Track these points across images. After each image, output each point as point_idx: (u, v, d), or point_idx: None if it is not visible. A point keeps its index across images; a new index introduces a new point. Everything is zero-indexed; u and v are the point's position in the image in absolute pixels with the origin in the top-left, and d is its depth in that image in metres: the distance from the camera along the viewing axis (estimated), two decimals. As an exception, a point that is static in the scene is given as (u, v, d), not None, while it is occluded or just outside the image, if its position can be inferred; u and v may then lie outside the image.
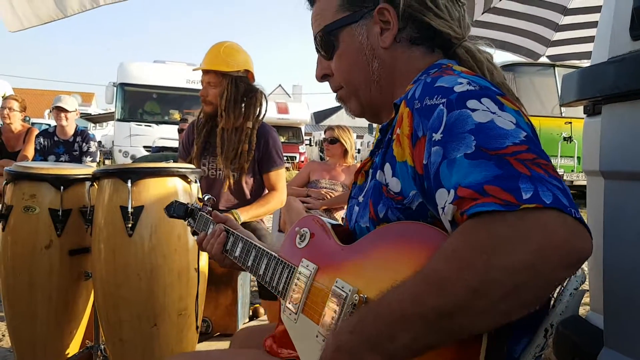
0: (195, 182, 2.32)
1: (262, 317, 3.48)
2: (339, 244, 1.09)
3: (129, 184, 2.12)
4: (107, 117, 22.50)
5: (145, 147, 13.85)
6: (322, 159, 17.15)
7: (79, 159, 4.97)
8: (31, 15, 3.12)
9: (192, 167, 2.38)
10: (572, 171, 10.01)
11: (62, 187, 2.32)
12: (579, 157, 9.82)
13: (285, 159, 3.13)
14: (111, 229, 2.16)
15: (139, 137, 14.40)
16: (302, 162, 19.99)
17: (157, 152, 8.68)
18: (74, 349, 2.48)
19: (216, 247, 1.45)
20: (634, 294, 1.33)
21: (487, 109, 0.85)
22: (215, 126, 3.00)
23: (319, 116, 51.54)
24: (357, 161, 4.96)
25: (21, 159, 4.98)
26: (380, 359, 0.80)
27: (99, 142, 5.44)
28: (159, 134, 13.86)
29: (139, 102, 15.29)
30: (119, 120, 14.99)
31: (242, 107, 2.92)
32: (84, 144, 5.03)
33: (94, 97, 41.74)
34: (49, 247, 2.30)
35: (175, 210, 1.69)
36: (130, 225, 2.11)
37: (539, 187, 0.75)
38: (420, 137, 0.91)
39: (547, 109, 10.39)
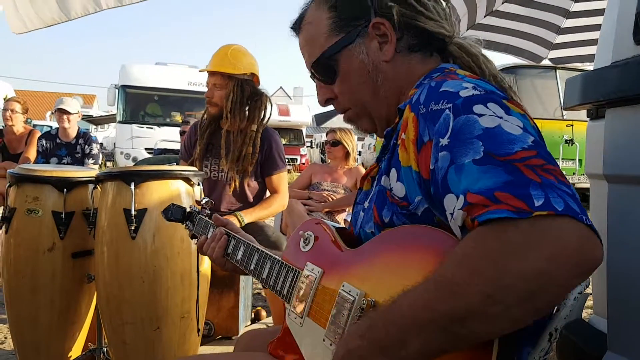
0: (198, 184, 2.32)
1: (264, 320, 3.48)
2: (345, 247, 1.09)
3: (132, 187, 2.12)
4: (109, 119, 22.51)
5: (147, 149, 13.86)
6: (323, 161, 17.16)
7: (81, 161, 4.98)
8: (35, 18, 3.14)
9: (195, 169, 2.38)
10: (574, 174, 9.99)
11: (65, 190, 2.32)
12: (580, 160, 9.81)
13: (286, 161, 3.13)
14: (114, 232, 2.16)
15: (140, 139, 14.40)
16: (304, 164, 19.98)
17: (159, 154, 8.70)
18: (76, 351, 2.48)
19: (217, 251, 1.44)
20: (637, 297, 1.33)
21: (494, 113, 0.85)
22: (218, 128, 3.01)
23: (320, 118, 51.56)
24: (359, 163, 4.95)
25: (23, 160, 4.99)
26: None
27: (101, 144, 5.44)
28: (160, 136, 13.86)
29: (140, 104, 15.30)
30: (120, 122, 15.00)
31: (247, 110, 2.93)
32: (86, 146, 5.04)
33: (96, 99, 41.81)
34: (52, 250, 2.30)
35: (172, 213, 1.68)
36: (133, 227, 2.12)
37: (549, 194, 0.75)
38: (426, 142, 0.91)
39: (549, 111, 10.38)
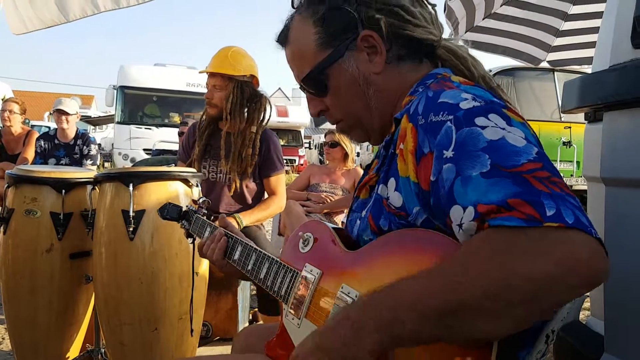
0: (196, 185, 2.32)
1: (262, 321, 3.48)
2: (344, 249, 1.09)
3: (131, 188, 2.12)
4: (107, 119, 22.49)
5: (145, 150, 13.84)
6: (321, 162, 17.16)
7: (79, 162, 4.97)
8: (35, 19, 3.15)
9: (194, 170, 2.39)
10: (572, 175, 10.00)
11: (63, 191, 2.32)
12: (578, 162, 9.82)
13: (284, 162, 3.13)
14: (112, 233, 2.17)
15: (139, 140, 14.38)
16: (302, 165, 19.97)
17: (158, 155, 8.68)
18: (74, 352, 2.48)
19: (217, 253, 1.43)
20: (634, 299, 1.33)
21: (496, 125, 0.85)
22: (217, 129, 3.01)
23: (319, 119, 51.67)
24: (357, 165, 4.95)
25: (21, 161, 4.98)
26: (381, 340, 0.80)
27: (99, 145, 5.44)
28: (159, 137, 13.83)
29: (139, 105, 15.28)
30: (119, 123, 14.98)
31: (246, 111, 2.93)
32: (85, 147, 5.04)
33: (94, 99, 41.77)
34: (50, 251, 2.30)
35: (168, 212, 1.68)
36: (131, 229, 2.12)
37: (560, 206, 0.75)
38: (426, 154, 0.90)
39: (547, 113, 10.40)
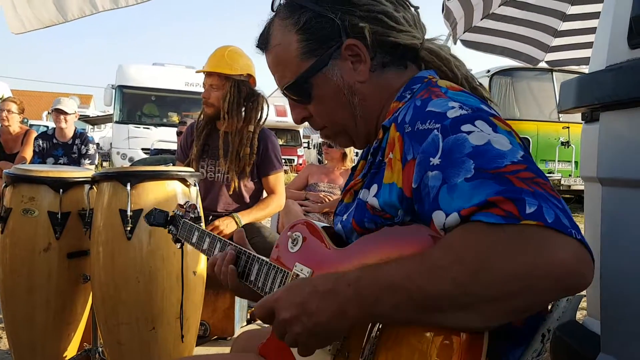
0: (194, 185, 2.32)
1: (260, 322, 3.48)
2: (333, 247, 1.09)
3: (128, 187, 2.12)
4: (106, 119, 22.48)
5: (143, 149, 13.83)
6: (320, 162, 17.16)
7: (77, 162, 4.97)
8: (33, 18, 3.15)
9: (192, 170, 2.39)
10: (570, 176, 10.03)
11: (61, 190, 2.32)
12: (576, 162, 9.84)
13: (283, 161, 3.14)
14: (110, 232, 2.17)
15: (137, 140, 14.38)
16: (301, 164, 19.97)
17: (156, 154, 8.68)
18: (72, 351, 2.48)
19: (230, 275, 1.26)
20: (630, 299, 1.34)
21: (482, 130, 0.85)
22: (214, 129, 3.01)
23: (317, 119, 51.51)
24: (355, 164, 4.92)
25: (19, 160, 4.98)
26: (362, 316, 0.85)
27: (97, 145, 5.44)
28: (157, 136, 13.83)
29: (137, 104, 15.28)
30: (117, 122, 14.98)
31: (244, 110, 2.93)
32: (83, 147, 5.03)
33: (92, 99, 41.73)
34: (47, 250, 2.30)
35: (155, 218, 1.66)
36: (129, 228, 2.12)
37: (542, 204, 0.75)
38: (409, 160, 0.91)
39: (545, 113, 10.43)
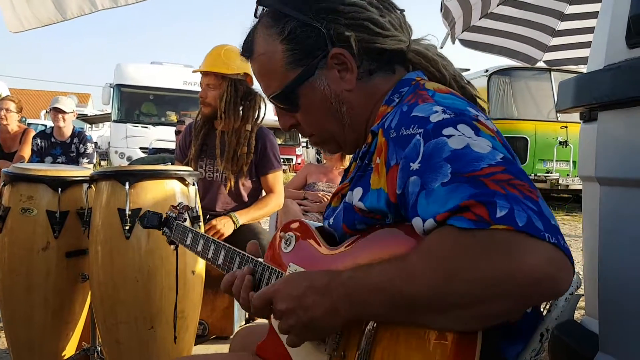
0: (193, 184, 2.32)
1: (259, 320, 3.48)
2: (326, 247, 1.09)
3: (127, 187, 2.12)
4: (104, 118, 22.46)
5: (141, 148, 13.82)
6: (318, 162, 17.16)
7: (75, 161, 4.96)
8: (31, 17, 3.15)
9: (190, 169, 2.39)
10: (568, 175, 10.05)
11: (59, 189, 2.32)
12: (574, 162, 9.85)
13: (282, 161, 3.13)
14: (108, 231, 2.16)
15: (135, 139, 14.38)
16: (299, 164, 19.94)
17: (154, 153, 8.68)
18: (70, 350, 2.48)
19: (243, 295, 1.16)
20: (628, 298, 1.34)
21: (463, 134, 0.85)
22: (212, 128, 3.01)
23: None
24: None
25: (17, 159, 4.97)
26: (353, 315, 0.88)
27: (95, 144, 5.44)
28: (155, 135, 13.83)
29: (135, 103, 15.27)
30: (115, 121, 14.97)
31: (241, 110, 2.93)
32: (81, 146, 5.03)
33: (90, 97, 41.65)
34: (46, 249, 2.30)
35: (149, 220, 1.65)
36: (127, 227, 2.11)
37: (514, 206, 0.75)
38: (392, 166, 0.92)
39: (543, 113, 10.44)
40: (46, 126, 6.09)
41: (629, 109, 1.33)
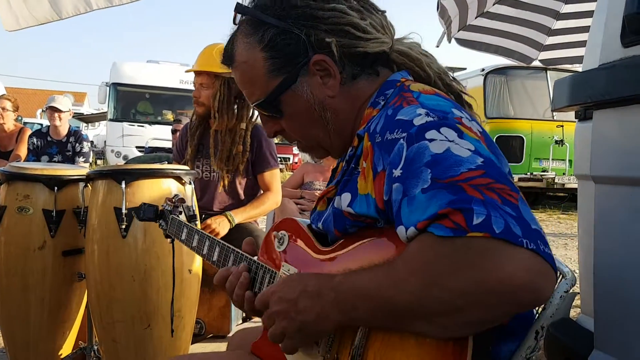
0: (189, 183, 2.32)
1: (256, 319, 3.48)
2: (319, 246, 1.09)
3: (123, 185, 2.11)
4: (100, 117, 22.41)
5: (138, 147, 13.81)
6: (315, 161, 17.14)
7: (72, 160, 4.96)
8: (28, 15, 3.15)
9: (187, 168, 2.38)
10: (564, 174, 10.08)
11: (56, 188, 2.31)
12: (570, 160, 9.88)
13: (279, 160, 3.13)
14: (105, 230, 2.16)
15: (131, 138, 14.35)
16: (296, 163, 19.91)
17: (150, 152, 8.67)
18: (67, 349, 2.48)
19: (247, 301, 1.13)
20: (624, 297, 1.35)
21: (445, 138, 0.85)
22: (208, 128, 3.00)
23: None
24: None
25: (14, 158, 4.97)
26: (342, 320, 0.88)
27: (91, 142, 5.43)
28: (151, 134, 13.81)
29: (131, 102, 15.25)
30: (111, 120, 14.95)
31: (235, 108, 2.92)
32: (77, 145, 5.02)
33: (86, 96, 41.52)
34: (42, 248, 2.30)
35: (145, 213, 1.65)
36: (124, 226, 2.11)
37: (492, 213, 0.74)
38: (379, 172, 0.91)
39: (539, 112, 10.46)
40: (42, 125, 6.08)
41: (624, 107, 1.33)
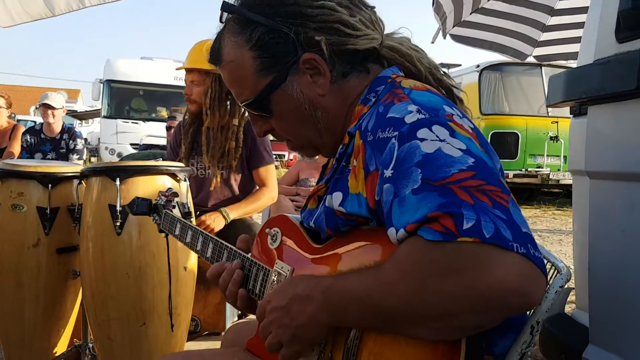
0: (184, 180, 2.31)
1: (251, 316, 3.48)
2: (311, 243, 1.08)
3: (118, 182, 2.11)
4: (93, 114, 22.31)
5: (132, 144, 13.76)
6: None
7: (65, 157, 4.94)
8: (22, 11, 3.15)
9: (182, 165, 2.37)
10: (559, 170, 10.12)
11: (50, 185, 2.30)
12: (565, 156, 9.91)
13: (273, 155, 3.11)
14: (99, 228, 2.15)
15: (125, 135, 14.30)
16: (291, 160, 19.89)
17: (145, 149, 8.65)
18: (61, 347, 2.47)
19: (241, 299, 1.18)
20: (618, 292, 1.35)
21: (437, 137, 0.84)
22: (201, 125, 2.98)
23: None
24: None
25: (7, 155, 4.94)
26: (332, 322, 0.89)
27: (85, 140, 5.41)
28: (146, 131, 13.76)
29: (125, 99, 15.19)
30: (105, 117, 14.89)
31: (228, 104, 2.91)
32: (71, 142, 5.00)
33: (80, 93, 41.36)
34: (36, 246, 2.29)
35: (138, 207, 1.64)
36: (118, 223, 2.10)
37: (482, 217, 0.74)
38: (371, 171, 0.91)
39: (534, 108, 10.49)
40: (35, 122, 6.04)
41: (618, 103, 1.34)
